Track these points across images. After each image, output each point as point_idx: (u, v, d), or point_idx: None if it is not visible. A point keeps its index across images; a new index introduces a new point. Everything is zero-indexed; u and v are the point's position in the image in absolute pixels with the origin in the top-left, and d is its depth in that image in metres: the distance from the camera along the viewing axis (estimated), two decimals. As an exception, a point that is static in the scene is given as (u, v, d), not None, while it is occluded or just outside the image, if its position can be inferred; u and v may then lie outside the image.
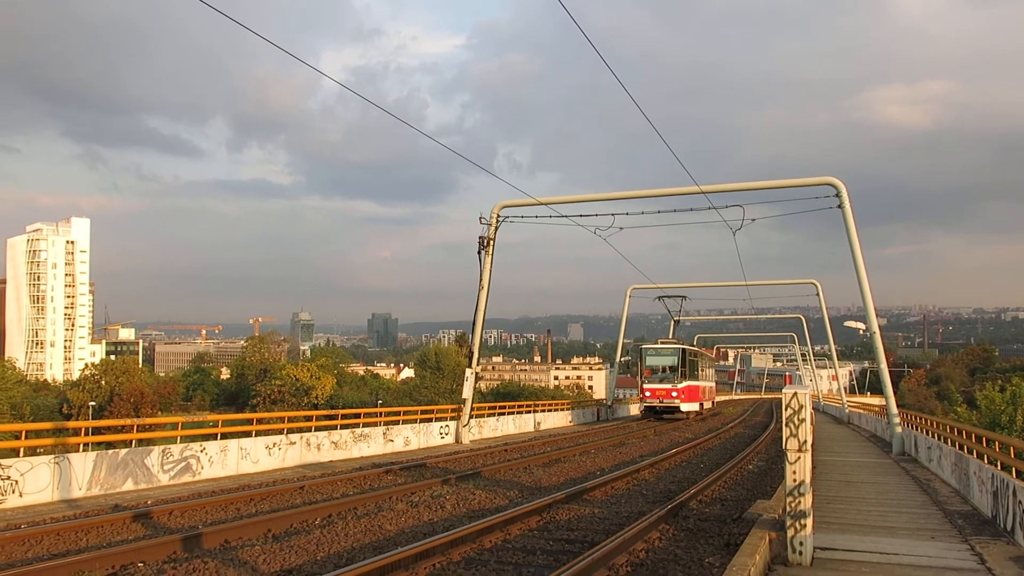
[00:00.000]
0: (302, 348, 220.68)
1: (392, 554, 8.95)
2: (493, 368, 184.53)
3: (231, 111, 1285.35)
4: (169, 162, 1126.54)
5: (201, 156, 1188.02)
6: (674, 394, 41.76)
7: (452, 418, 30.23)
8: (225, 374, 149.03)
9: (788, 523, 8.70)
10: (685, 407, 42.26)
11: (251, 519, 11.90)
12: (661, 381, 42.24)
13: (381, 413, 28.71)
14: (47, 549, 10.30)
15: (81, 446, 16.89)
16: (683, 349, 43.02)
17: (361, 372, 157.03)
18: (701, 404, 46.78)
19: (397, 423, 27.53)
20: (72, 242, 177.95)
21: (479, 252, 30.62)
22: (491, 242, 30.59)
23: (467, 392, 30.14)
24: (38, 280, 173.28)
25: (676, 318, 51.42)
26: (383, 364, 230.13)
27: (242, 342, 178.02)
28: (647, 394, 42.71)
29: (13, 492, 13.94)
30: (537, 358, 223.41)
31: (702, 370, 48.62)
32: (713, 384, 58.61)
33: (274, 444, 20.41)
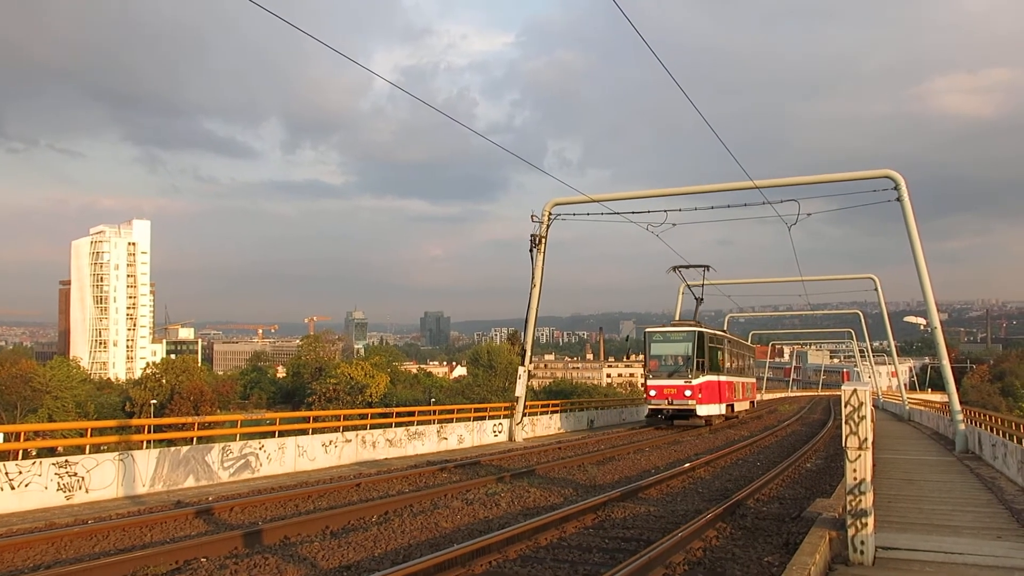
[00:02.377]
0: (356, 347, 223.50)
1: (449, 551, 9.00)
2: (545, 366, 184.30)
3: (284, 112, 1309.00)
4: (225, 164, 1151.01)
5: (256, 157, 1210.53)
6: (687, 393, 32.19)
7: (505, 416, 30.30)
8: (281, 372, 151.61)
9: (849, 522, 8.53)
10: (704, 410, 32.87)
11: (309, 516, 12.08)
12: (671, 376, 32.75)
13: (435, 411, 28.92)
14: (113, 544, 10.59)
15: (144, 443, 17.30)
16: (699, 333, 33.21)
17: (414, 370, 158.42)
18: (730, 405, 37.47)
19: (451, 421, 27.70)
20: (134, 243, 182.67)
21: (531, 250, 30.64)
22: (543, 240, 30.59)
23: (520, 390, 30.20)
24: (101, 281, 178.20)
25: (699, 297, 39.43)
26: (435, 363, 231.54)
27: (297, 341, 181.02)
28: (651, 393, 33.12)
29: (80, 488, 14.37)
30: (589, 356, 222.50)
31: (731, 361, 38.85)
32: (751, 380, 47.04)
33: (330, 442, 20.69)
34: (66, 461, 14.34)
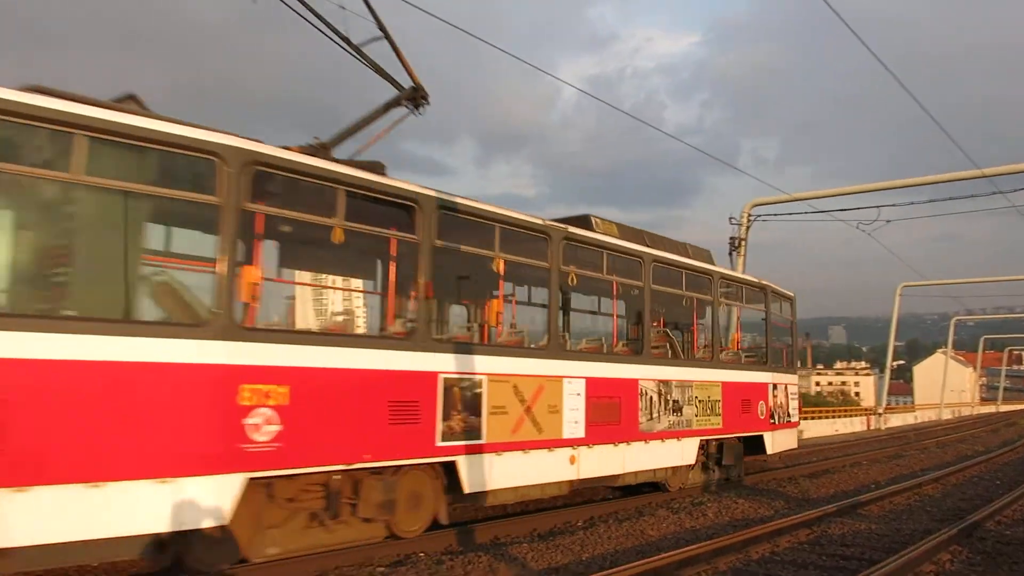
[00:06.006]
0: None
1: (655, 558, 8.88)
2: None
3: (476, 130, 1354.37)
4: (426, 182, 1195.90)
5: (453, 174, 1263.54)
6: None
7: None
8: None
9: (1113, 550, 7.58)
10: None
11: (517, 518, 12.39)
12: None
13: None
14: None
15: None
16: None
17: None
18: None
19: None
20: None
21: (730, 254, 29.69)
22: (743, 242, 29.59)
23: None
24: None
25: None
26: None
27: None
28: None
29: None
30: (797, 363, 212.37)
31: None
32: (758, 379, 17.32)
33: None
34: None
